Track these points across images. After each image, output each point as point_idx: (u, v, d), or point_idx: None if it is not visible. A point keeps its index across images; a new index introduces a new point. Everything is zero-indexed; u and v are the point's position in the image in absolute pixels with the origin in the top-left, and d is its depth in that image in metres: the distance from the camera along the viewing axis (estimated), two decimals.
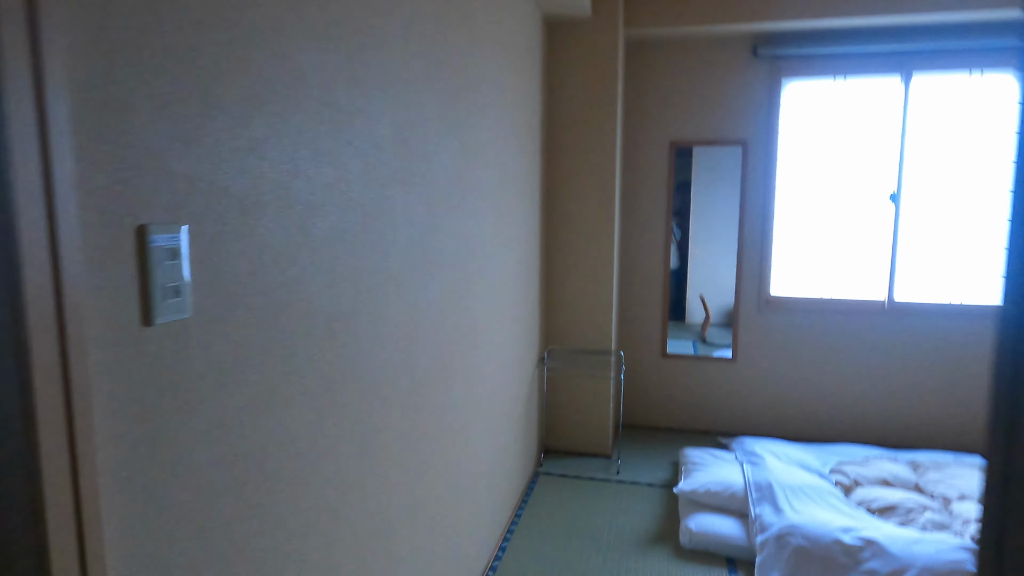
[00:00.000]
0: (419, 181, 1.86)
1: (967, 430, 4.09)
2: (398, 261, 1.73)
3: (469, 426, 2.42)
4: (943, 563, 2.54)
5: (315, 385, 1.34)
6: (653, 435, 4.37)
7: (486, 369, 2.62)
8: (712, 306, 4.46)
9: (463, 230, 2.28)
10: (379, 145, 1.60)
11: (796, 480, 3.10)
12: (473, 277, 2.43)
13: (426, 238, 1.93)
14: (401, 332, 1.76)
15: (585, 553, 2.89)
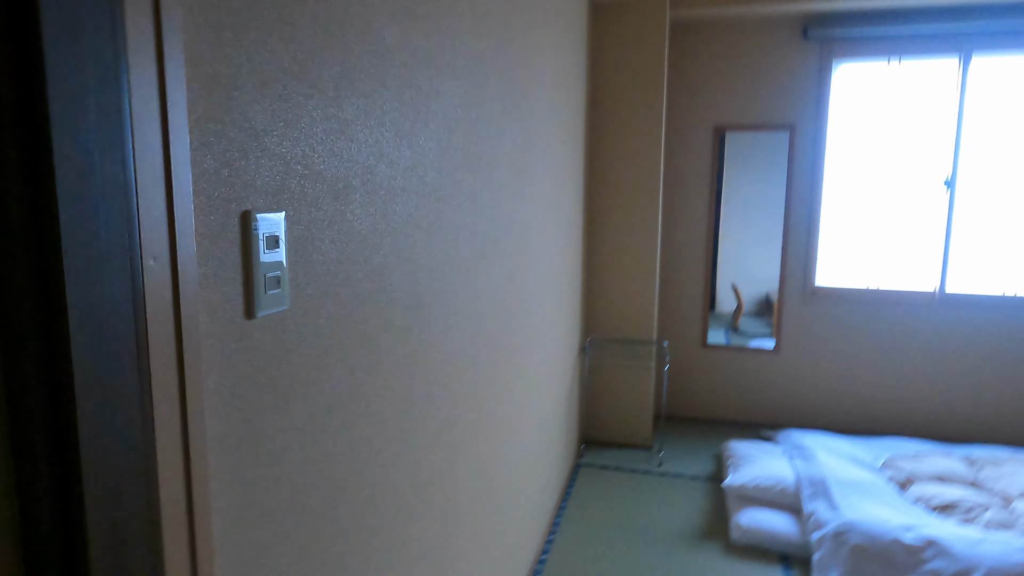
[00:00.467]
0: (484, 166, 1.79)
1: (1013, 426, 3.96)
2: (466, 249, 1.66)
3: (521, 417, 2.37)
4: (1011, 564, 2.45)
5: (394, 380, 1.28)
6: (694, 426, 4.29)
7: (535, 358, 2.56)
8: (744, 295, 4.36)
9: (520, 217, 2.21)
10: (451, 128, 1.53)
11: (850, 476, 3.01)
12: (528, 265, 2.37)
13: (489, 225, 1.86)
14: (467, 322, 1.70)
15: (634, 548, 2.84)
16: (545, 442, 2.85)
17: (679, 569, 2.66)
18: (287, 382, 0.93)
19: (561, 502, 3.23)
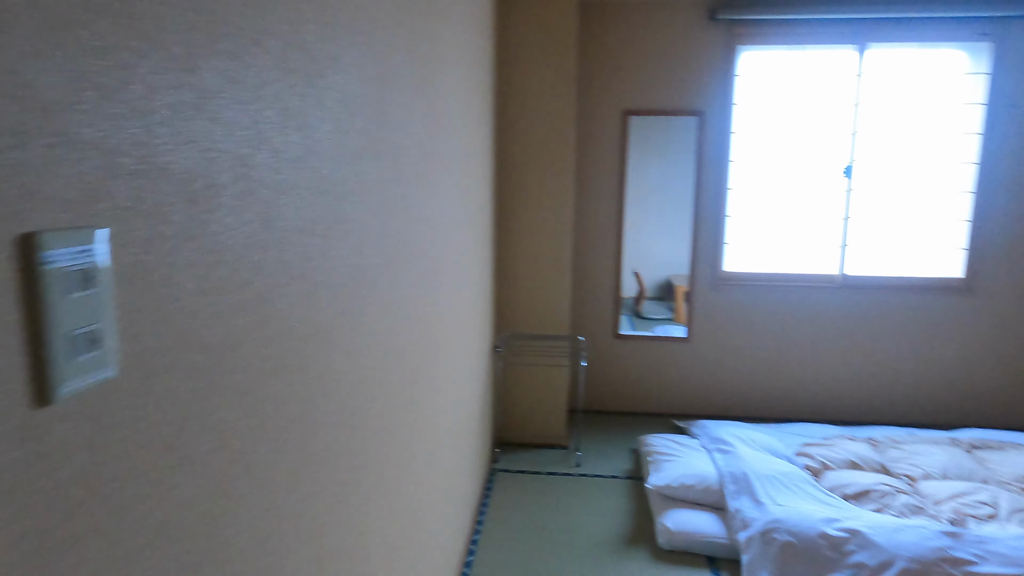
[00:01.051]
0: (392, 153, 1.49)
1: (920, 404, 4.15)
2: (373, 255, 1.37)
3: (437, 435, 2.11)
4: (928, 550, 2.47)
5: (287, 438, 0.98)
6: (608, 420, 4.19)
7: (448, 366, 2.30)
8: (645, 280, 4.29)
9: (431, 211, 1.93)
10: (353, 106, 1.22)
11: (770, 469, 2.97)
12: (441, 264, 2.09)
13: (400, 223, 1.57)
14: (376, 343, 1.41)
15: (559, 560, 2.65)
16: (460, 454, 2.60)
17: None
18: (116, 485, 0.62)
19: (478, 516, 3.00)
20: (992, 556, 2.46)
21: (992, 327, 4.03)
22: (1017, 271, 3.96)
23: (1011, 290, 3.99)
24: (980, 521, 2.66)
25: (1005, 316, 4.01)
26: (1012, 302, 4.00)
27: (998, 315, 4.01)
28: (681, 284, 4.22)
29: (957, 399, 4.12)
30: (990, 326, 4.03)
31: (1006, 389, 4.09)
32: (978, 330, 4.04)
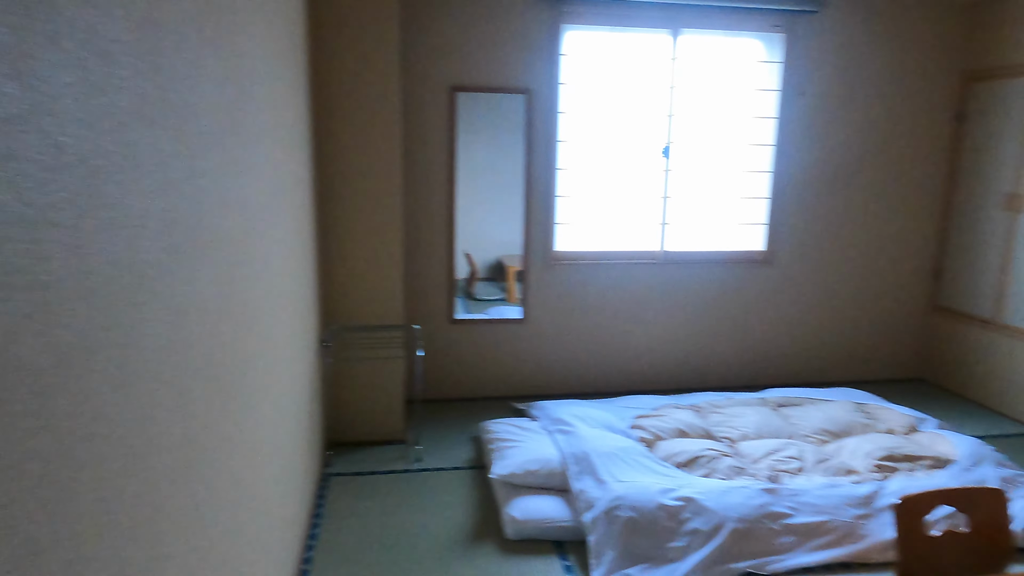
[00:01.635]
0: (174, 118, 1.19)
1: (735, 368, 4.49)
2: (154, 248, 1.08)
3: (254, 450, 1.82)
4: (751, 509, 2.64)
5: (17, 526, 0.70)
6: (448, 409, 4.05)
7: (265, 370, 2.01)
8: (477, 261, 4.22)
9: (238, 193, 1.63)
10: (109, 53, 0.92)
11: (609, 446, 3.02)
12: (252, 257, 1.79)
13: (190, 206, 1.27)
14: (165, 359, 1.12)
15: (401, 565, 2.47)
16: (287, 461, 2.31)
17: None
18: None
19: (311, 528, 2.72)
20: (804, 507, 2.68)
21: (789, 295, 4.47)
22: (807, 244, 4.41)
23: (802, 261, 4.43)
24: (791, 475, 2.90)
25: (799, 284, 4.46)
26: (804, 272, 4.45)
27: (793, 284, 4.45)
28: (513, 264, 4.18)
29: (764, 361, 4.53)
30: (787, 294, 4.46)
31: (803, 350, 4.56)
32: (778, 298, 4.46)
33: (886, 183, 4.43)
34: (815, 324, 4.54)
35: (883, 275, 4.57)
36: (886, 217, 4.48)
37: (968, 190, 4.36)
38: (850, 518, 2.65)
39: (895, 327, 4.67)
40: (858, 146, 4.34)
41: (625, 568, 2.44)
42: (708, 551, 2.49)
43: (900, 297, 4.63)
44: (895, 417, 3.52)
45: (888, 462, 3.00)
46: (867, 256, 4.51)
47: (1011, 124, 4.04)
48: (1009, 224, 4.07)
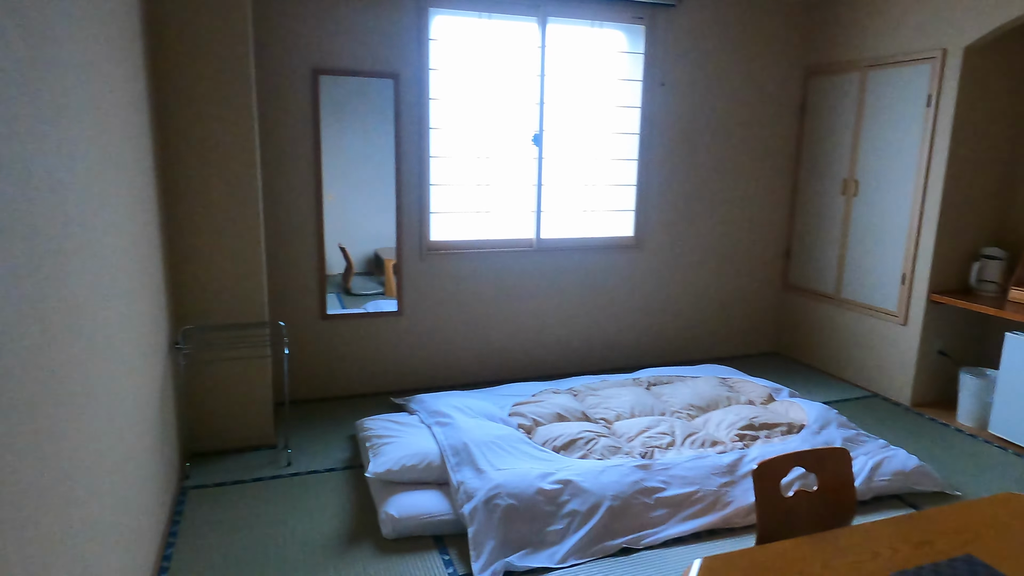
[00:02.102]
0: None
1: (609, 351, 4.60)
2: None
3: (86, 472, 1.61)
4: (626, 486, 2.71)
5: None
6: (322, 409, 3.86)
7: (98, 380, 1.78)
8: (352, 255, 4.07)
9: (46, 172, 1.41)
10: None
11: (488, 435, 2.99)
12: (68, 247, 1.57)
13: None
14: None
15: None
16: (130, 479, 2.08)
17: None
18: None
19: (165, 550, 2.47)
20: (675, 479, 2.79)
21: (657, 278, 4.65)
22: (673, 229, 4.61)
23: (669, 246, 4.63)
24: (663, 450, 3.01)
25: (666, 268, 4.66)
26: (670, 256, 4.65)
27: (661, 268, 4.64)
28: (390, 257, 4.05)
29: (637, 343, 4.69)
30: (656, 277, 4.64)
31: (671, 330, 4.77)
32: (647, 282, 4.63)
33: (742, 171, 4.72)
34: (682, 305, 4.76)
35: (741, 257, 4.87)
36: (742, 203, 4.77)
37: (811, 177, 4.74)
38: (716, 487, 2.78)
39: (752, 305, 4.99)
40: (715, 135, 4.59)
41: (506, 556, 2.41)
42: (586, 531, 2.52)
43: (756, 277, 4.96)
44: (754, 389, 3.76)
45: (748, 431, 3.19)
46: (726, 240, 4.79)
47: (844, 116, 4.43)
48: (845, 207, 4.46)
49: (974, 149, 3.85)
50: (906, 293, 4.05)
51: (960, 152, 3.81)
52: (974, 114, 3.79)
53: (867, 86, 4.25)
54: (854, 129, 4.35)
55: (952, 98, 3.74)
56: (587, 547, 2.49)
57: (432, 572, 2.38)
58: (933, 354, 4.06)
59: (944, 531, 1.86)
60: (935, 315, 3.99)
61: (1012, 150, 3.97)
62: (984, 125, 3.84)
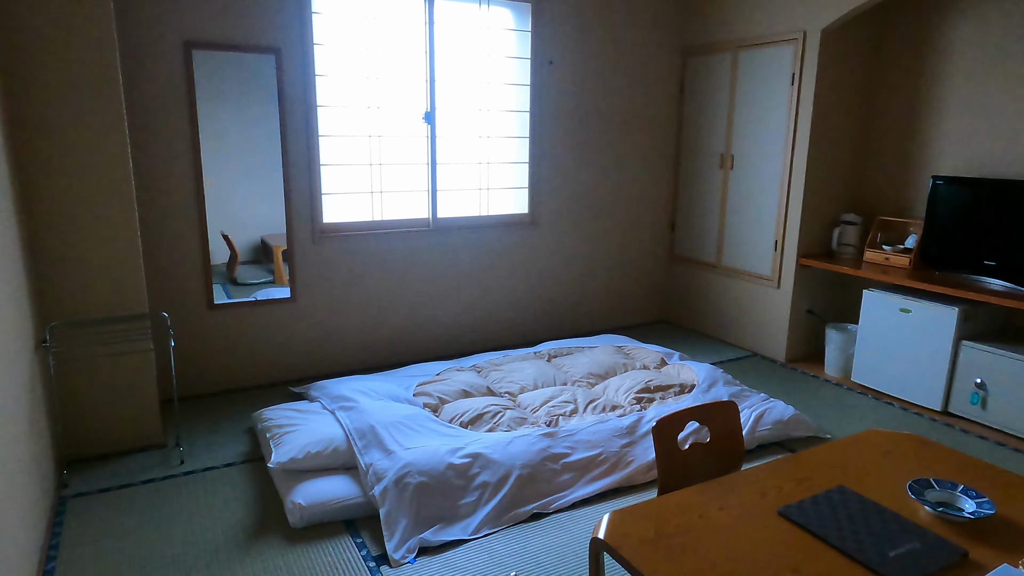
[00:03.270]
0: None
1: (510, 327, 4.66)
2: None
3: None
4: (534, 454, 2.78)
5: None
6: (215, 404, 3.67)
7: None
8: (237, 242, 3.88)
9: None
10: None
11: (394, 415, 2.96)
12: None
13: None
14: None
15: None
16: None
17: None
18: None
19: (46, 564, 2.28)
20: (579, 444, 2.89)
21: (553, 254, 4.76)
22: (566, 205, 4.73)
23: (562, 221, 4.75)
24: (567, 418, 3.11)
25: (561, 244, 4.77)
26: (564, 232, 4.77)
27: (556, 243, 4.75)
28: (279, 244, 3.89)
29: (536, 318, 4.79)
30: (552, 253, 4.75)
31: (569, 304, 4.91)
32: (544, 258, 4.73)
33: (628, 146, 4.90)
34: (577, 279, 4.91)
35: (630, 230, 5.07)
36: (630, 178, 4.97)
37: (691, 153, 5.00)
38: (618, 448, 2.91)
39: (642, 277, 5.23)
40: (602, 114, 4.73)
41: (419, 533, 2.42)
42: (497, 500, 2.58)
43: (645, 250, 5.19)
44: (648, 355, 3.95)
45: (645, 394, 3.36)
46: (616, 214, 4.97)
47: (720, 94, 4.70)
48: (723, 181, 4.75)
49: (832, 124, 4.21)
50: (778, 259, 4.39)
51: (820, 127, 4.15)
52: (831, 92, 4.14)
53: (739, 66, 4.53)
54: (728, 107, 4.63)
55: (812, 77, 4.06)
56: (499, 516, 2.55)
57: (345, 556, 2.34)
58: (803, 313, 4.44)
59: (819, 468, 2.05)
60: (803, 278, 4.36)
61: (865, 125, 4.38)
62: (840, 102, 4.20)
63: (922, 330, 3.64)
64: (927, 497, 1.81)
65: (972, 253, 3.64)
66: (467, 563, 2.32)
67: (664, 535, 1.67)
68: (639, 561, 1.56)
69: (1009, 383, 3.33)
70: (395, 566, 2.28)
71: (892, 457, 2.13)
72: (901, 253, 3.98)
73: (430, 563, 2.31)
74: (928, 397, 3.66)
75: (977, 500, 1.79)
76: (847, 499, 1.82)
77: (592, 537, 1.72)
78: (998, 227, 3.54)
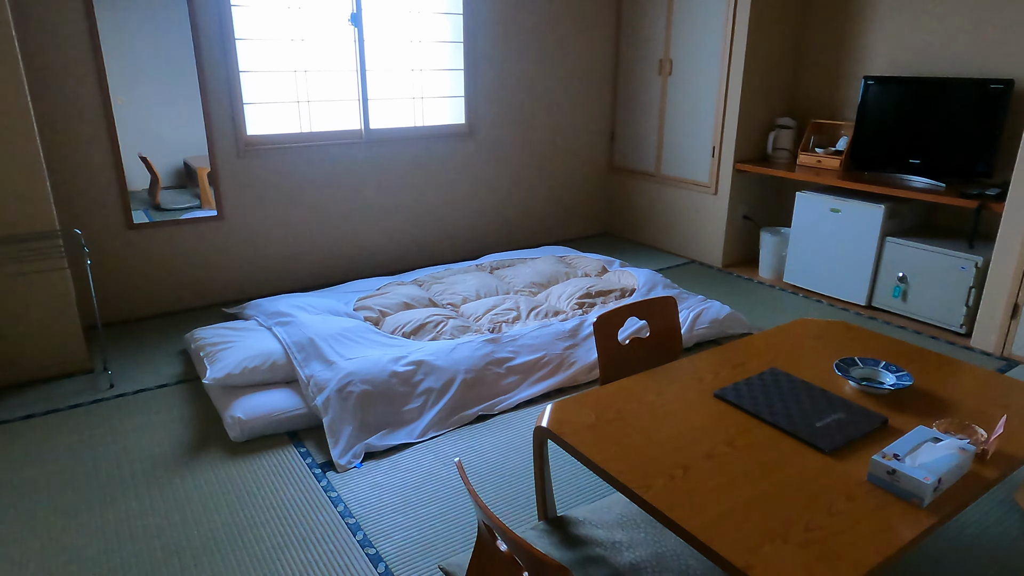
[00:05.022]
0: None
1: (450, 240, 4.59)
2: None
3: None
4: (478, 359, 2.79)
5: None
6: (143, 328, 3.51)
7: None
8: (157, 166, 3.64)
9: None
10: None
11: (334, 328, 2.90)
12: None
13: None
14: None
15: (110, 494, 2.13)
16: None
17: (180, 500, 2.13)
18: None
19: None
20: (523, 349, 2.91)
21: (493, 166, 4.66)
22: (504, 116, 4.59)
23: (501, 133, 4.62)
24: (510, 324, 3.12)
25: (501, 156, 4.67)
26: (504, 143, 4.65)
27: (496, 155, 4.64)
28: (203, 166, 3.66)
29: (475, 231, 4.73)
30: (491, 166, 4.65)
31: (511, 217, 4.85)
32: (483, 170, 4.62)
33: (566, 53, 4.75)
34: (517, 192, 4.84)
35: (570, 142, 4.99)
36: (569, 87, 4.84)
37: (630, 59, 4.89)
38: (561, 350, 2.95)
39: (583, 188, 5.20)
40: (538, 19, 4.54)
41: (364, 439, 2.42)
42: (442, 405, 2.59)
43: (585, 161, 5.14)
44: (589, 263, 3.97)
45: (586, 299, 3.39)
46: (556, 125, 4.87)
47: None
48: (662, 87, 4.69)
49: (769, 27, 4.16)
50: (715, 165, 4.42)
51: (757, 31, 4.11)
52: None
53: None
54: (667, 10, 4.51)
55: None
56: (445, 419, 2.56)
57: (289, 465, 2.33)
58: (739, 219, 4.52)
59: (753, 354, 2.12)
60: (740, 183, 4.41)
61: (801, 28, 4.35)
62: (776, 6, 4.15)
63: (850, 229, 3.77)
64: (852, 373, 1.90)
65: (898, 152, 3.74)
66: (414, 463, 2.34)
67: (605, 420, 1.70)
68: (582, 445, 1.59)
69: (927, 276, 3.50)
70: (341, 471, 2.28)
71: (821, 341, 2.22)
72: (833, 155, 4.06)
73: (377, 466, 2.32)
74: (854, 293, 3.83)
75: (897, 374, 1.89)
76: (779, 380, 1.89)
77: (536, 426, 1.74)
78: (922, 125, 3.63)
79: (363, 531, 2.00)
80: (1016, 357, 3.16)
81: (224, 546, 1.93)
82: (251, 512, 2.08)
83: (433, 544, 1.95)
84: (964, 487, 1.42)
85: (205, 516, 2.06)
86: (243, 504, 2.11)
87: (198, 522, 2.03)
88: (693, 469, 1.48)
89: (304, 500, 2.14)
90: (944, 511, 1.34)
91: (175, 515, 2.06)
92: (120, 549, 1.92)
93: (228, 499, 2.14)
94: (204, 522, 2.03)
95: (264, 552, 1.91)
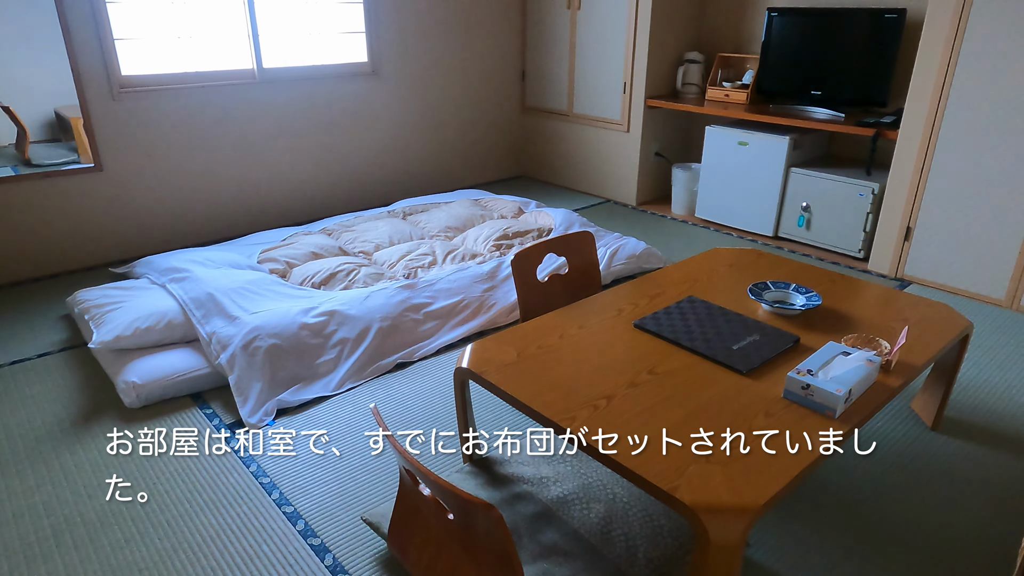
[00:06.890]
0: None
1: (358, 187, 4.37)
2: None
3: None
4: (393, 306, 2.68)
5: None
6: (15, 293, 3.18)
7: None
8: (25, 119, 3.25)
9: None
10: None
11: (236, 281, 2.71)
12: None
13: None
14: None
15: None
16: None
17: (70, 474, 1.95)
18: None
19: None
20: (440, 293, 2.83)
21: (400, 108, 4.44)
22: (408, 53, 4.36)
23: (405, 71, 4.39)
24: (425, 269, 3.01)
25: (408, 97, 4.45)
26: (410, 84, 4.43)
27: (403, 96, 4.42)
28: (77, 116, 3.28)
29: (384, 177, 4.53)
30: (398, 107, 4.43)
31: (417, 162, 4.67)
32: (390, 112, 4.40)
33: None
34: (428, 135, 4.66)
35: (480, 81, 4.82)
36: (477, 25, 4.64)
37: None
38: (480, 293, 2.88)
39: (495, 131, 5.07)
40: None
41: (276, 395, 2.28)
42: (358, 355, 2.48)
43: (498, 102, 4.99)
44: (505, 205, 3.89)
45: (504, 241, 3.32)
46: (465, 64, 4.68)
47: None
48: (571, 22, 4.57)
49: None
50: (627, 102, 4.39)
51: None
52: None
53: None
54: None
55: None
56: (362, 369, 2.46)
57: (194, 427, 2.17)
58: (651, 157, 4.54)
59: (670, 284, 2.12)
60: (651, 120, 4.41)
61: None
62: None
63: (757, 161, 3.84)
64: (764, 297, 1.93)
65: (800, 84, 3.82)
66: (331, 416, 2.24)
67: (526, 356, 1.66)
68: (504, 383, 1.54)
69: (829, 204, 3.63)
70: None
71: (734, 269, 2.25)
72: (740, 89, 4.10)
73: (292, 421, 2.21)
74: (762, 224, 3.94)
75: (807, 295, 1.93)
76: (696, 307, 1.90)
77: (456, 367, 1.67)
78: (822, 57, 3.71)
79: (279, 490, 1.89)
80: (908, 277, 3.35)
81: (123, 518, 1.78)
82: (153, 480, 1.93)
83: (356, 496, 1.87)
84: (872, 396, 1.47)
85: (100, 489, 1.89)
86: (143, 473, 1.96)
87: (93, 496, 1.87)
88: (616, 398, 1.46)
89: (212, 463, 2.00)
90: (854, 420, 1.38)
91: (65, 491, 1.89)
92: (1, 532, 1.74)
93: (127, 468, 1.98)
94: (99, 495, 1.87)
95: (170, 519, 1.78)
